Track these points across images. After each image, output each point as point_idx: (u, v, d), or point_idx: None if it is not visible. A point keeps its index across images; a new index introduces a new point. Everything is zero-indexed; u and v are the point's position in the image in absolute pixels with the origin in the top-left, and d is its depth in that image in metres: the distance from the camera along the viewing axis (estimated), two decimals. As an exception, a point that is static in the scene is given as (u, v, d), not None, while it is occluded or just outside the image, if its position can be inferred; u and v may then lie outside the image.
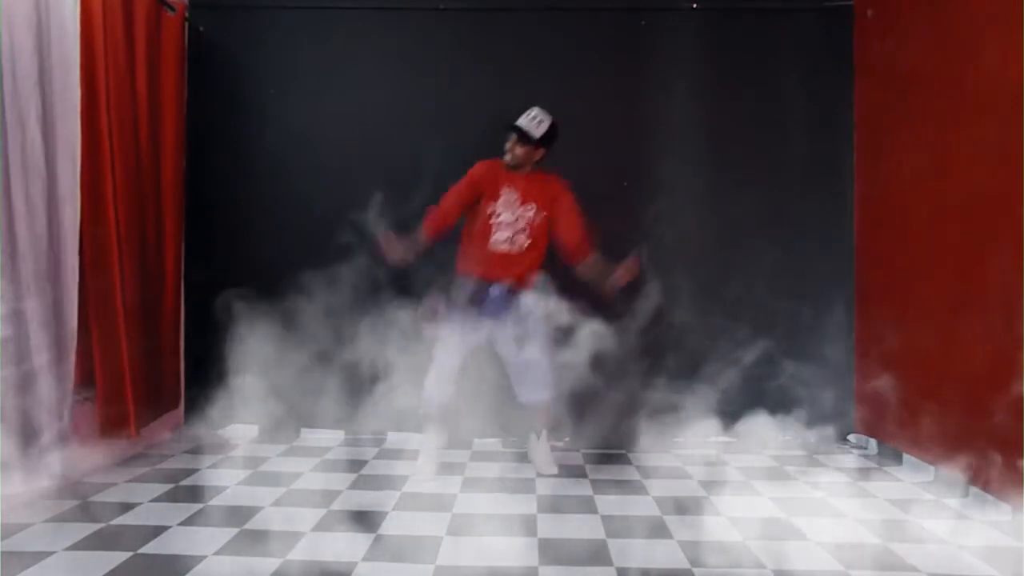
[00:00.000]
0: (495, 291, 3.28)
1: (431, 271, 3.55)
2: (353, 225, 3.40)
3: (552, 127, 3.31)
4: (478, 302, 3.26)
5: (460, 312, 3.27)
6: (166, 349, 3.81)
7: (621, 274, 3.28)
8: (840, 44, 3.98)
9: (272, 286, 3.62)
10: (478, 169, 3.35)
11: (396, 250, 3.23)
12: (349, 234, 3.46)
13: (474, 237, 3.33)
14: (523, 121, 3.29)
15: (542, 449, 3.40)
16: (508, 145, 3.31)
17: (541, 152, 3.34)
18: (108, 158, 3.15)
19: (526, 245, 3.31)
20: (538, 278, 3.35)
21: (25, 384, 2.82)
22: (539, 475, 3.32)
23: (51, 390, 2.93)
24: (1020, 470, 2.62)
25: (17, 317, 2.78)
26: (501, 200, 3.29)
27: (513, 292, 3.29)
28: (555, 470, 3.35)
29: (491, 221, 3.29)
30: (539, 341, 3.31)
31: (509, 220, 3.29)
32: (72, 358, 3.06)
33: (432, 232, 3.29)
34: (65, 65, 3.03)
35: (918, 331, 3.36)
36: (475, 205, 3.32)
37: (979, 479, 2.87)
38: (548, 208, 3.33)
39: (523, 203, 3.30)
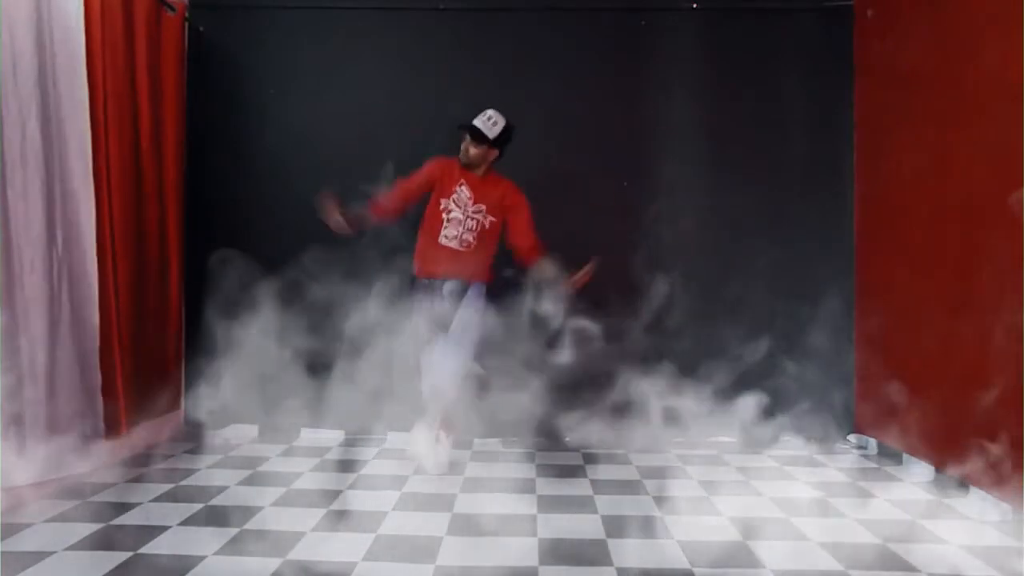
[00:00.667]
0: (448, 289, 3.35)
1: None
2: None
3: (506, 129, 3.34)
4: (433, 299, 3.37)
5: (422, 311, 3.37)
6: (167, 349, 3.81)
7: (579, 277, 3.31)
8: (840, 44, 3.98)
9: (272, 286, 3.62)
10: (434, 164, 3.43)
11: (334, 217, 3.26)
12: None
13: (425, 230, 3.42)
14: (478, 121, 3.32)
15: (431, 441, 3.29)
16: (463, 145, 3.35)
17: (495, 153, 3.38)
18: (104, 158, 3.14)
19: (473, 245, 3.37)
20: (487, 280, 3.43)
21: (42, 383, 2.84)
22: (417, 471, 3.27)
23: (72, 389, 2.96)
24: (1020, 470, 2.62)
25: (16, 316, 2.78)
26: (453, 196, 3.36)
27: (463, 287, 3.35)
28: (442, 469, 3.27)
29: (442, 216, 3.36)
30: (467, 336, 3.32)
31: (459, 218, 3.35)
32: (95, 357, 3.08)
33: (378, 213, 3.37)
34: (71, 65, 3.04)
35: (918, 331, 3.36)
36: (425, 198, 3.42)
37: (979, 479, 2.87)
38: (499, 213, 3.40)
39: (475, 203, 3.36)
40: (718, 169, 3.99)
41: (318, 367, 3.70)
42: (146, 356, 3.52)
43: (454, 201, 3.35)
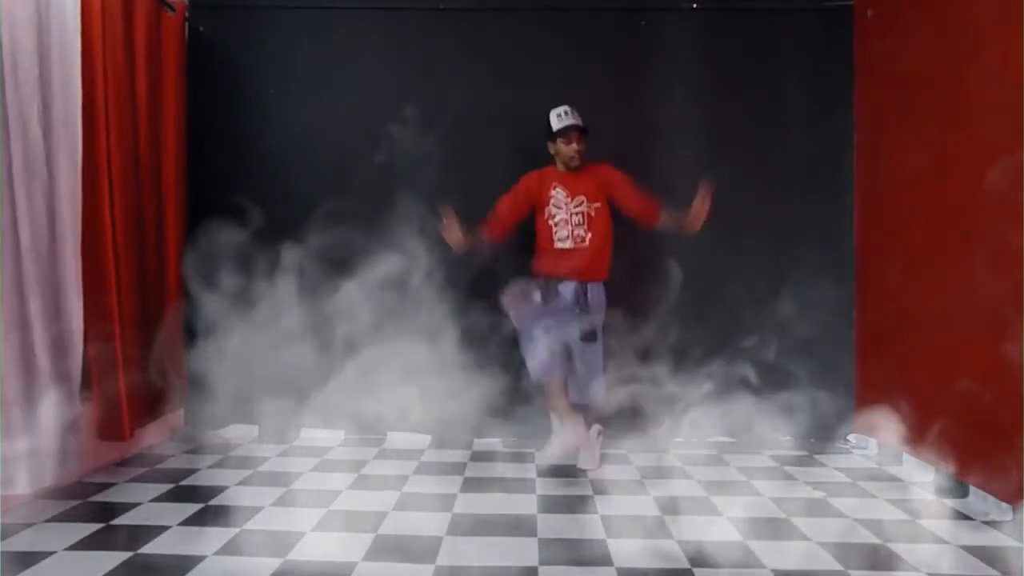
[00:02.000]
0: (565, 291, 3.39)
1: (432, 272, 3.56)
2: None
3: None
4: (548, 300, 3.40)
5: (535, 307, 3.43)
6: (168, 350, 3.79)
7: (698, 209, 3.37)
8: (840, 44, 3.98)
9: (272, 286, 3.62)
10: (526, 181, 3.53)
11: (454, 232, 3.37)
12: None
13: (541, 242, 3.51)
14: (572, 119, 3.42)
15: (592, 446, 3.42)
16: (567, 148, 3.43)
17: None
18: (105, 159, 3.13)
19: (588, 238, 3.43)
20: (608, 269, 3.49)
21: (28, 383, 2.82)
22: (585, 471, 3.34)
23: (54, 390, 2.94)
24: (1020, 470, 2.62)
25: (19, 318, 2.78)
26: (551, 202, 3.46)
27: (582, 290, 3.39)
28: (599, 466, 3.36)
29: (549, 223, 3.46)
30: (599, 343, 3.44)
31: (564, 218, 3.44)
32: (77, 359, 3.07)
33: (490, 235, 3.48)
34: (67, 65, 3.03)
35: (918, 331, 3.36)
36: (530, 214, 3.52)
37: (979, 479, 2.87)
38: (601, 195, 3.47)
39: (572, 198, 3.45)
40: (718, 169, 3.98)
41: (319, 367, 3.69)
42: (147, 358, 3.51)
43: (554, 206, 3.46)
